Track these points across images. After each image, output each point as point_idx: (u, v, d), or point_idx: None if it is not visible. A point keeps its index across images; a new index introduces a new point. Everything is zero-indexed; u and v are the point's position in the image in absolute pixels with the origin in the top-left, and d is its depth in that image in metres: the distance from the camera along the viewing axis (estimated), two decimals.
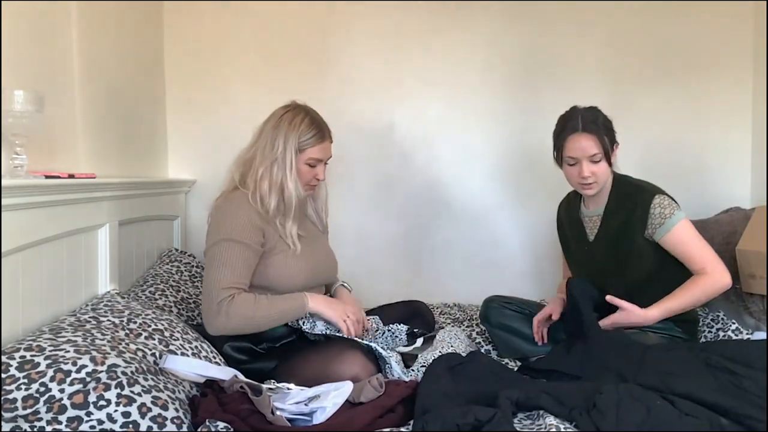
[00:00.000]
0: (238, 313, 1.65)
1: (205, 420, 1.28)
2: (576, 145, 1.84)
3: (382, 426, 1.37)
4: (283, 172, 1.76)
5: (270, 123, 1.81)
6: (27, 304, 1.46)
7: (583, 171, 1.84)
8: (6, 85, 1.45)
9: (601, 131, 1.83)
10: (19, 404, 1.17)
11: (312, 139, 1.79)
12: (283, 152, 1.76)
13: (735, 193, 2.65)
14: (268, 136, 1.79)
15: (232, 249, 1.69)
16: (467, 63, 2.69)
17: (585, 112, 1.87)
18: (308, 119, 1.80)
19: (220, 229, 1.72)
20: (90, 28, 1.96)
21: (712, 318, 2.02)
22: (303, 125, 1.79)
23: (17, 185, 1.36)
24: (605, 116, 1.88)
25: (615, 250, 1.89)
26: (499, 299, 2.09)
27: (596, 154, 1.83)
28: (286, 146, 1.76)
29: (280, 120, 1.80)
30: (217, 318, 1.65)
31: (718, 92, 2.64)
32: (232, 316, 1.65)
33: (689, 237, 1.82)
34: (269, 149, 1.77)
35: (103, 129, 2.06)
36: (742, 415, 1.26)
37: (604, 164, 1.85)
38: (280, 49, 2.68)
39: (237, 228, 1.70)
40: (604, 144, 1.83)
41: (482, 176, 2.74)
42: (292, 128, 1.78)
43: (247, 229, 1.71)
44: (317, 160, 1.82)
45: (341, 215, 1.93)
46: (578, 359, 1.69)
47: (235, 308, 1.64)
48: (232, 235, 1.69)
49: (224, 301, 1.65)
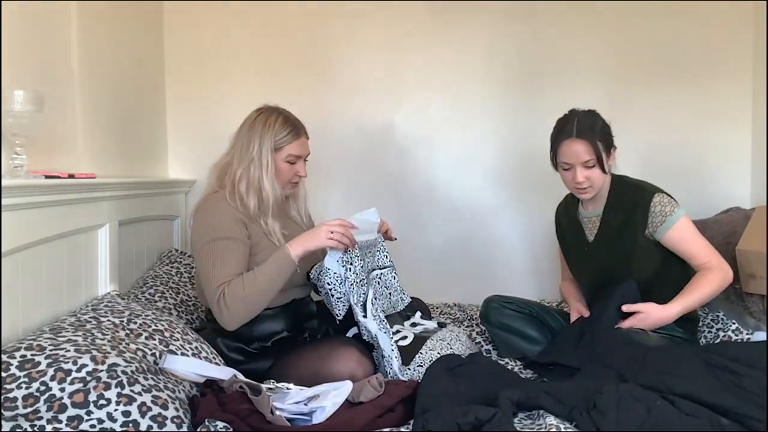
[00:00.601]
0: (234, 301, 1.65)
1: (205, 420, 1.28)
2: (569, 151, 1.84)
3: (381, 426, 1.37)
4: (260, 171, 1.78)
5: (244, 127, 1.85)
6: (27, 304, 1.46)
7: (577, 176, 1.85)
8: (6, 85, 1.45)
9: (596, 137, 1.83)
10: (20, 403, 1.17)
11: (288, 137, 1.82)
12: (259, 152, 1.79)
13: (735, 193, 2.65)
14: (244, 138, 1.82)
15: (218, 246, 1.69)
16: (467, 63, 2.70)
17: (582, 117, 1.86)
18: (281, 118, 1.84)
19: (203, 231, 1.72)
20: (90, 28, 1.96)
21: (711, 318, 2.02)
22: (277, 124, 1.82)
23: (17, 185, 1.36)
24: (603, 121, 1.88)
25: (615, 251, 1.89)
26: (500, 299, 2.09)
27: (589, 161, 1.83)
28: (262, 146, 1.79)
29: (254, 122, 1.83)
30: (222, 315, 1.67)
31: (718, 92, 2.65)
32: (231, 307, 1.65)
33: (690, 233, 1.83)
34: (245, 151, 1.80)
35: (103, 129, 2.06)
36: (743, 415, 1.26)
37: (598, 170, 1.85)
38: (280, 49, 2.68)
39: (220, 225, 1.71)
40: (597, 150, 1.82)
41: (482, 176, 2.74)
42: (267, 128, 1.81)
43: (229, 224, 1.72)
44: (296, 157, 1.84)
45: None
46: (581, 354, 1.70)
47: (229, 299, 1.65)
48: (216, 234, 1.70)
49: (219, 297, 1.66)
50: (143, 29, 2.48)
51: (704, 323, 2.00)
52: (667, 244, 1.84)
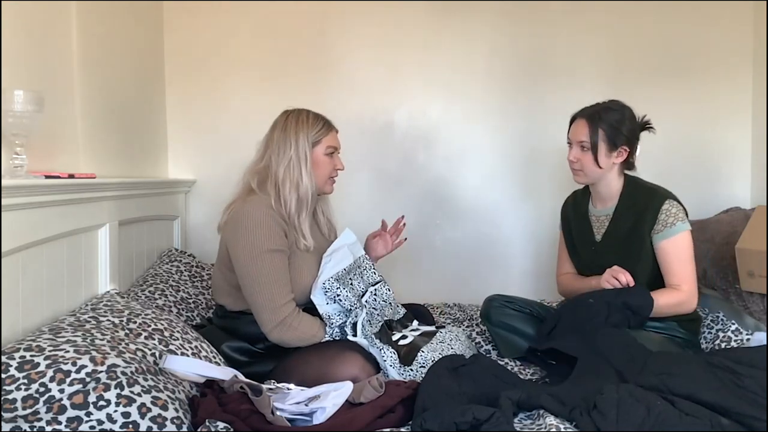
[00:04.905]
0: (301, 329, 1.74)
1: (205, 420, 1.28)
2: (573, 127, 1.95)
3: (382, 426, 1.38)
4: (299, 168, 1.80)
5: (276, 129, 1.85)
6: (27, 304, 1.46)
7: (569, 154, 1.93)
8: (6, 85, 1.45)
9: (601, 125, 1.86)
10: (19, 404, 1.17)
11: (323, 129, 1.86)
12: (297, 149, 1.81)
13: (735, 193, 2.65)
14: (279, 140, 1.82)
15: (273, 260, 1.72)
16: (467, 63, 2.70)
17: (603, 104, 1.93)
18: (312, 115, 1.87)
19: (254, 239, 1.71)
20: (90, 28, 1.96)
21: (711, 318, 2.02)
22: (310, 120, 1.85)
23: (17, 185, 1.36)
24: (624, 119, 1.89)
25: (622, 252, 1.89)
26: (501, 298, 2.08)
27: (584, 142, 1.88)
28: (299, 143, 1.81)
29: (285, 123, 1.84)
30: (279, 331, 1.71)
31: (718, 92, 2.65)
32: (296, 330, 1.73)
33: (684, 253, 1.84)
34: (282, 152, 1.81)
35: (103, 129, 2.06)
36: (743, 415, 1.26)
37: (590, 157, 1.87)
38: (280, 49, 2.68)
39: (270, 236, 1.72)
40: (595, 136, 1.85)
41: (482, 176, 2.74)
42: (301, 125, 1.83)
43: (278, 235, 1.74)
44: (334, 148, 1.88)
45: (341, 215, 1.94)
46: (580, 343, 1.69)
47: (300, 324, 1.74)
48: (270, 245, 1.72)
49: (290, 315, 1.72)
50: (143, 29, 2.48)
51: (704, 324, 2.00)
52: (657, 250, 1.85)
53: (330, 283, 1.78)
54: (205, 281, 2.32)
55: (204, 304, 2.17)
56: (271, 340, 1.74)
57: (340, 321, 1.78)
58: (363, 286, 1.90)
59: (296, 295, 1.77)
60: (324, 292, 1.78)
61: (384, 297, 1.92)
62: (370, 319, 1.81)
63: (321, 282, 1.78)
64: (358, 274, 1.91)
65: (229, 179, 1.93)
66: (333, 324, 1.78)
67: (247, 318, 1.79)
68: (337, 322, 1.78)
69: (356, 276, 1.90)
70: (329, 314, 1.78)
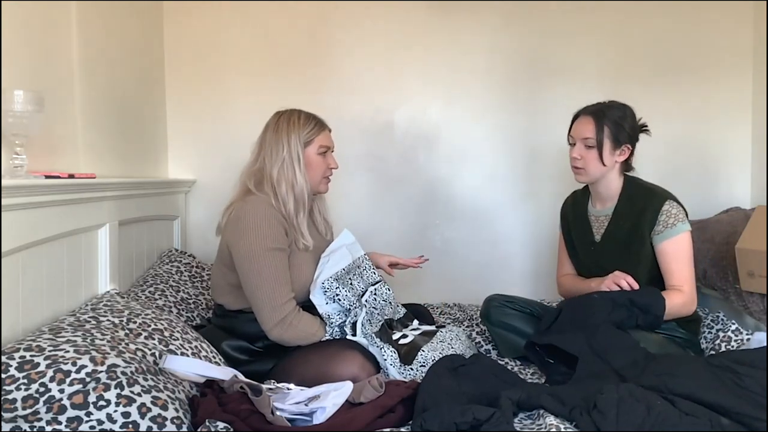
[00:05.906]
0: (301, 328, 1.74)
1: (205, 420, 1.28)
2: (576, 125, 1.93)
3: (382, 426, 1.37)
4: (293, 169, 1.81)
5: (269, 131, 1.86)
6: (27, 304, 1.46)
7: (572, 151, 1.91)
8: (6, 85, 1.45)
9: (606, 121, 1.86)
10: (19, 404, 1.17)
11: (314, 129, 1.86)
12: (289, 150, 1.81)
13: (735, 193, 2.65)
14: (272, 142, 1.83)
15: (274, 258, 1.72)
16: (467, 63, 2.70)
17: (607, 103, 1.93)
18: (303, 115, 1.88)
19: (256, 237, 1.72)
20: (90, 28, 1.96)
21: (711, 318, 2.02)
22: (301, 120, 1.85)
23: (17, 185, 1.36)
24: (626, 117, 1.90)
25: (622, 252, 1.89)
26: (501, 298, 2.08)
27: (589, 139, 1.87)
28: (291, 144, 1.82)
29: (277, 124, 1.85)
30: (279, 329, 1.72)
31: (718, 92, 2.65)
32: (296, 328, 1.73)
33: (683, 254, 1.83)
34: (276, 153, 1.82)
35: (103, 129, 2.06)
36: (743, 415, 1.26)
37: (595, 155, 1.85)
38: (280, 49, 2.68)
39: (272, 234, 1.73)
40: (600, 133, 1.85)
41: (482, 176, 2.74)
42: (293, 126, 1.83)
43: (279, 233, 1.75)
44: (326, 147, 1.88)
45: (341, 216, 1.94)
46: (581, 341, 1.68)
47: (300, 323, 1.74)
48: (271, 243, 1.72)
49: (291, 314, 1.72)
50: (143, 29, 2.48)
51: (704, 324, 2.00)
52: (657, 252, 1.84)
53: (329, 283, 1.79)
54: (205, 281, 2.32)
55: (204, 305, 2.17)
56: (271, 338, 1.74)
57: (340, 321, 1.78)
58: (363, 285, 1.90)
59: (296, 294, 1.78)
60: (323, 292, 1.78)
61: (384, 296, 1.92)
62: (370, 318, 1.81)
63: (320, 282, 1.79)
64: (358, 273, 1.91)
65: (229, 179, 1.94)
66: (333, 324, 1.78)
67: (246, 317, 1.79)
68: (337, 322, 1.78)
69: (356, 276, 1.90)
70: (329, 314, 1.78)
